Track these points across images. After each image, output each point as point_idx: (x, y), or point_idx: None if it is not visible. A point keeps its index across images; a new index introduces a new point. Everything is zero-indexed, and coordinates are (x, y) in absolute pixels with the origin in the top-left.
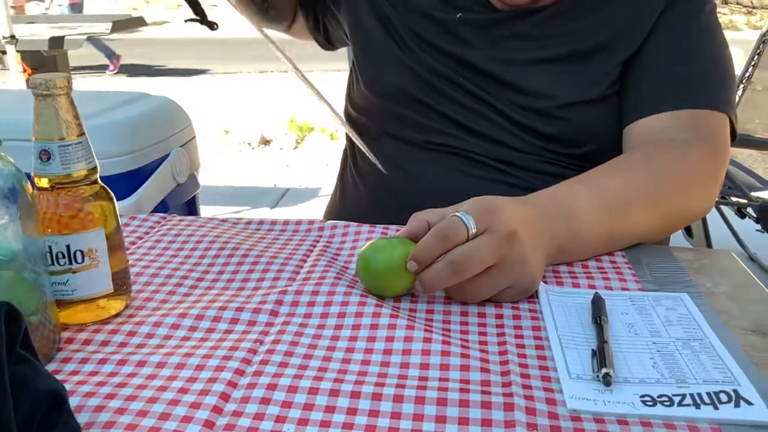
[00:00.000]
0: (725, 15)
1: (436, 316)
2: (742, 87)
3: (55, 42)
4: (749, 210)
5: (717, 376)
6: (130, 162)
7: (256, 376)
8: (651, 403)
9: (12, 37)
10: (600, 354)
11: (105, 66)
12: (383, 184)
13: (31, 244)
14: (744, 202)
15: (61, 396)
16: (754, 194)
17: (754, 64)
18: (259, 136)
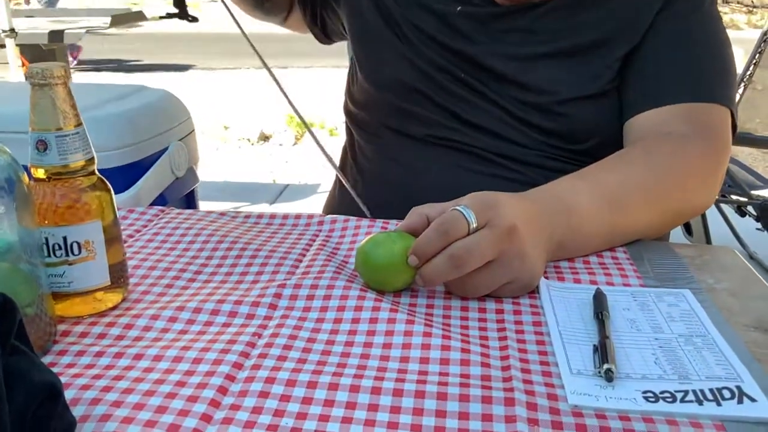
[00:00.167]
0: (726, 14)
1: (436, 310)
2: (743, 86)
3: (55, 36)
4: (749, 208)
5: (720, 372)
6: (128, 155)
7: (254, 369)
8: (653, 399)
9: (11, 30)
10: (602, 349)
11: (106, 60)
12: (382, 179)
13: (28, 236)
14: (744, 200)
15: (56, 388)
16: (754, 192)
17: (755, 63)
18: (259, 131)
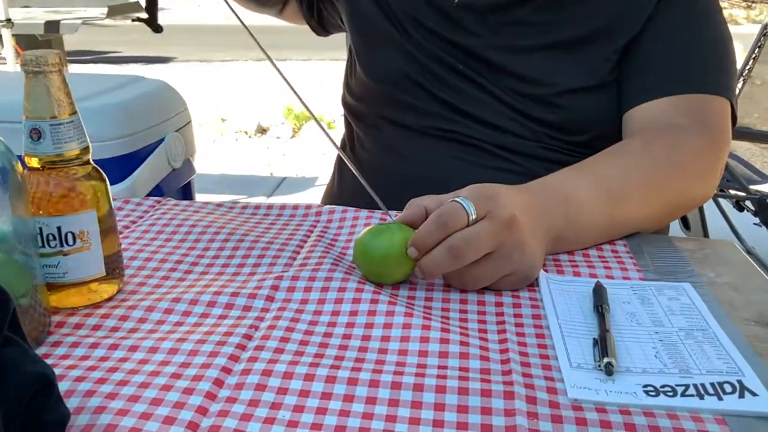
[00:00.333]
0: (725, 9)
1: (434, 303)
2: (741, 80)
3: (51, 26)
4: (747, 203)
5: (721, 366)
6: (124, 146)
7: (251, 362)
8: (654, 393)
9: (8, 20)
10: (602, 343)
11: (103, 52)
12: (381, 171)
13: (22, 226)
14: (743, 195)
15: (50, 379)
16: (752, 187)
17: (754, 57)
18: (256, 124)
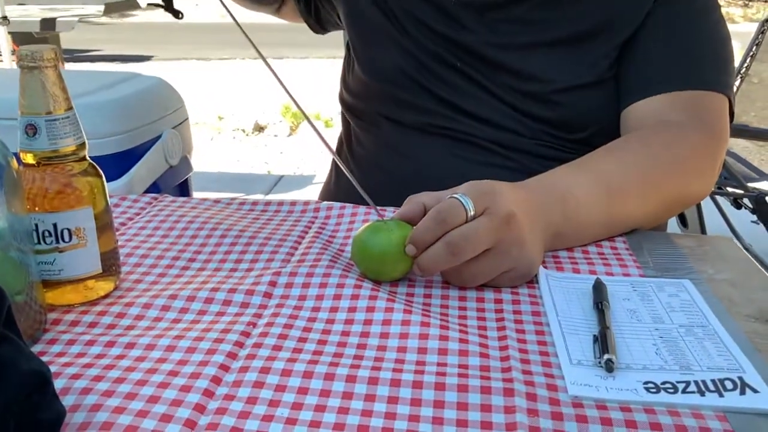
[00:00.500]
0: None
1: (433, 300)
2: (739, 78)
3: (47, 23)
4: (745, 201)
5: (722, 363)
6: (120, 143)
7: (249, 359)
8: (654, 390)
9: (4, 18)
10: (602, 340)
11: (90, 50)
12: (379, 168)
13: (17, 222)
14: (740, 192)
15: (45, 377)
16: (750, 185)
17: (752, 55)
18: (253, 122)
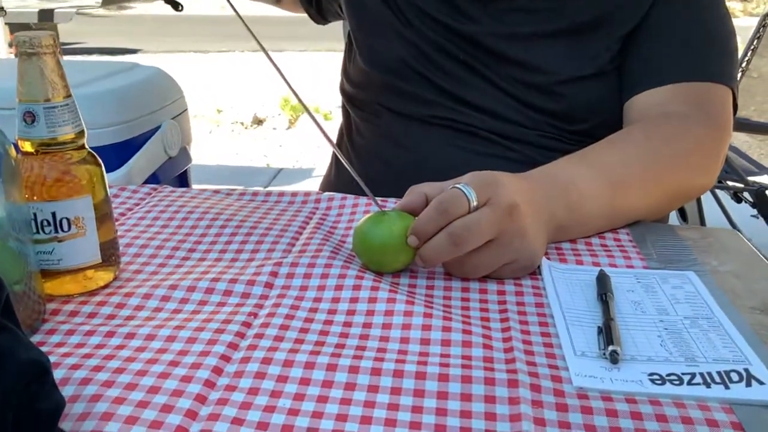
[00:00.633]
0: None
1: (436, 292)
2: (740, 72)
3: (45, 14)
4: (746, 194)
5: (727, 355)
6: (119, 133)
7: (250, 350)
8: (660, 382)
9: (1, 8)
10: (606, 331)
11: (74, 42)
12: (380, 159)
13: (16, 211)
14: (741, 186)
15: (44, 366)
16: (750, 179)
17: (753, 49)
18: (252, 115)
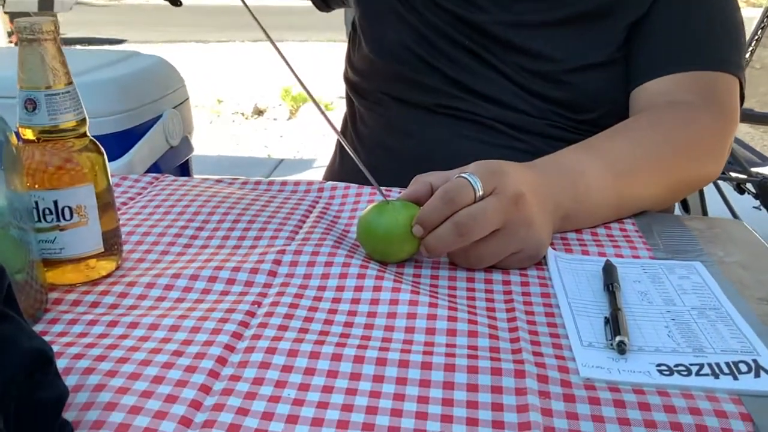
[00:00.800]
0: None
1: (441, 282)
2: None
3: (45, 3)
4: (749, 186)
5: (735, 345)
6: (120, 122)
7: (254, 339)
8: (668, 373)
9: None
10: (613, 322)
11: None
12: (383, 148)
13: (17, 200)
14: (744, 177)
15: (47, 355)
16: (754, 170)
17: (757, 39)
18: (253, 106)
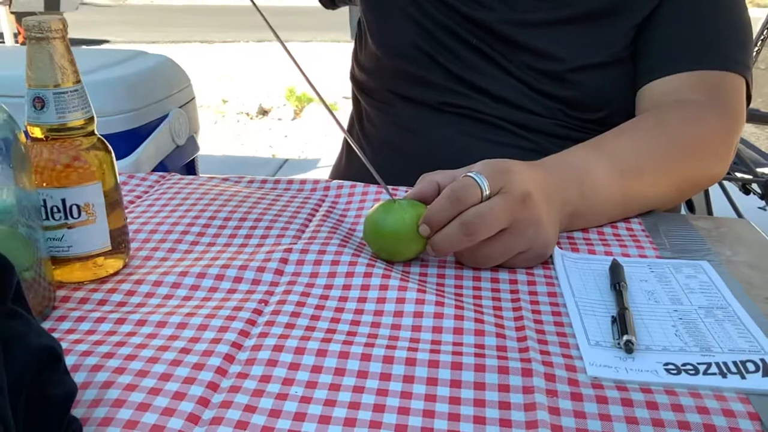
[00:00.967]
0: None
1: (447, 281)
2: None
3: (51, 3)
4: (754, 186)
5: (743, 345)
6: (127, 121)
7: (261, 337)
8: (675, 372)
9: None
10: (621, 321)
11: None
12: (390, 147)
13: (25, 198)
14: (749, 177)
15: (56, 352)
16: (759, 170)
17: (762, 39)
18: (257, 106)
